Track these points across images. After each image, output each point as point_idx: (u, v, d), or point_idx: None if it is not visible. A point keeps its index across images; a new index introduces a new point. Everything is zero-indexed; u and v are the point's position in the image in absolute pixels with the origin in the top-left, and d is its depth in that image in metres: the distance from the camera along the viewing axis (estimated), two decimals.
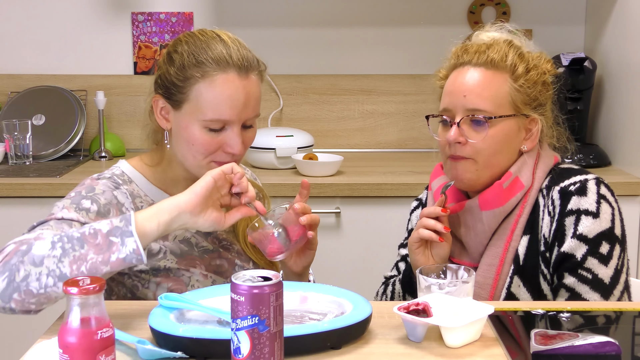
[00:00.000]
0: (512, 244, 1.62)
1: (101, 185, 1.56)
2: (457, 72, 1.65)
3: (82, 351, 1.08)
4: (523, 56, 1.64)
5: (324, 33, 3.22)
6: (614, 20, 2.89)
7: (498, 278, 1.62)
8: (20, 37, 3.19)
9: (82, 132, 3.08)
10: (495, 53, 1.62)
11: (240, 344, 1.10)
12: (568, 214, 1.58)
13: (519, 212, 1.63)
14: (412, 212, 1.89)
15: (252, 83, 1.58)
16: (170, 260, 1.59)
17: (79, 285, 1.08)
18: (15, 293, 1.31)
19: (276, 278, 1.11)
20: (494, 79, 1.61)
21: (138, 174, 1.64)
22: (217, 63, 1.54)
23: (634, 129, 2.70)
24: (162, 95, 1.59)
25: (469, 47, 1.66)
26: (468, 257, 1.69)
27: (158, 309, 1.34)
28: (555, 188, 1.62)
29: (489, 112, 1.59)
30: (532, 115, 1.63)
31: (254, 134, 1.65)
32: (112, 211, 1.54)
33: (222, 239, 1.69)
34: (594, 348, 1.23)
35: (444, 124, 1.65)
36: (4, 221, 2.63)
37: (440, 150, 1.67)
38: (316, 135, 3.11)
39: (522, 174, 1.63)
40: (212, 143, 1.56)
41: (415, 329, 1.30)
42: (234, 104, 1.55)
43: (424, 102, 3.22)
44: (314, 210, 2.64)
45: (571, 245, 1.57)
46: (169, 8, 3.19)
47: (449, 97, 1.64)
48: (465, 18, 3.21)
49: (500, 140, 1.60)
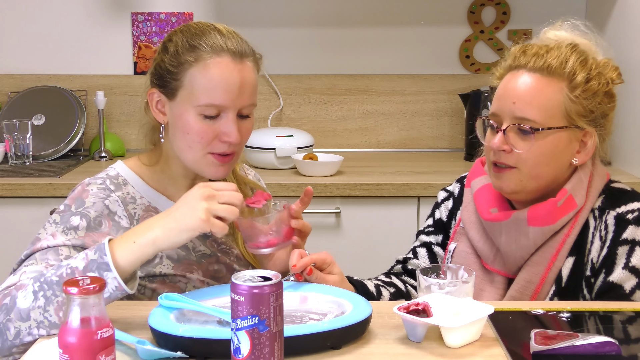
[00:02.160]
0: (556, 263, 1.55)
1: (91, 197, 1.54)
2: (511, 74, 1.56)
3: (82, 351, 1.08)
4: (586, 63, 1.53)
5: (324, 33, 3.22)
6: (614, 20, 2.89)
7: (536, 297, 1.55)
8: (20, 37, 3.19)
9: (82, 132, 3.09)
10: (554, 58, 1.52)
11: (240, 344, 1.10)
12: (622, 243, 1.51)
13: (568, 232, 1.55)
14: (441, 203, 1.80)
15: (247, 68, 1.55)
16: (166, 266, 1.57)
17: (79, 285, 1.08)
18: (13, 348, 1.34)
19: (276, 278, 1.11)
20: (548, 87, 1.51)
21: (134, 175, 1.62)
22: (211, 47, 1.52)
23: (634, 129, 2.70)
24: (157, 85, 1.57)
25: (528, 49, 1.56)
26: (504, 266, 1.62)
27: (158, 309, 1.34)
28: (611, 212, 1.54)
29: (537, 122, 1.50)
30: (586, 128, 1.53)
31: (251, 125, 1.60)
32: (104, 222, 1.52)
33: (220, 243, 1.67)
34: (594, 348, 1.23)
35: (491, 129, 1.58)
36: (4, 221, 2.63)
37: (486, 154, 1.61)
38: (316, 135, 3.11)
39: (577, 192, 1.55)
40: (207, 131, 1.53)
41: (415, 329, 1.30)
42: (229, 88, 1.52)
43: (424, 102, 3.22)
44: (314, 210, 2.67)
45: (621, 276, 1.50)
46: (169, 8, 3.19)
47: (499, 101, 1.56)
48: (465, 18, 3.21)
49: (547, 152, 1.52)
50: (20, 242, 2.62)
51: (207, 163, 1.55)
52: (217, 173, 1.57)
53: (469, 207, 1.70)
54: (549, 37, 1.60)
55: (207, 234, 1.64)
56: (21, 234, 2.64)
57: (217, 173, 1.57)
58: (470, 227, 1.68)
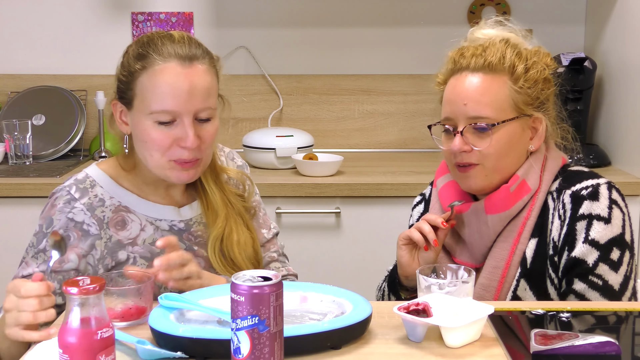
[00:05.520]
0: (519, 246, 1.61)
1: (57, 214, 1.57)
2: (455, 78, 1.63)
3: (82, 351, 1.08)
4: (521, 55, 1.61)
5: (324, 33, 3.22)
6: (614, 20, 2.89)
7: (504, 281, 1.60)
8: (20, 37, 3.19)
9: (82, 132, 3.08)
10: (492, 55, 1.59)
11: (240, 344, 1.10)
12: (579, 219, 1.56)
13: (527, 215, 1.61)
14: (415, 207, 1.88)
15: (196, 72, 1.54)
16: (141, 266, 1.57)
17: (79, 285, 1.08)
18: None
19: (276, 278, 1.11)
20: (493, 83, 1.58)
21: (105, 176, 1.63)
22: (158, 54, 1.53)
23: (634, 129, 2.70)
24: (118, 97, 1.60)
25: (465, 51, 1.63)
26: (470, 257, 1.67)
27: (158, 309, 1.34)
28: (567, 192, 1.59)
29: (491, 118, 1.57)
30: (535, 115, 1.61)
31: (213, 129, 1.58)
32: (72, 234, 1.55)
33: (196, 236, 1.66)
34: (594, 348, 1.23)
35: (447, 133, 1.63)
36: (4, 221, 2.63)
37: (446, 158, 1.66)
38: (316, 135, 3.11)
39: (529, 177, 1.61)
40: (164, 139, 1.53)
41: (415, 329, 1.30)
42: (176, 92, 1.51)
43: (424, 102, 3.22)
44: (314, 210, 2.67)
45: (583, 250, 1.55)
46: (169, 8, 3.19)
47: (450, 105, 1.62)
48: (465, 18, 3.21)
49: (505, 144, 1.58)
50: (20, 242, 2.62)
51: (170, 168, 1.56)
52: (182, 177, 1.57)
53: (435, 205, 1.75)
54: (478, 37, 1.67)
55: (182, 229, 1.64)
56: (21, 234, 2.64)
57: (181, 177, 1.57)
58: None
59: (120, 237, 1.59)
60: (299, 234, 2.63)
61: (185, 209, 1.67)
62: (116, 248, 1.58)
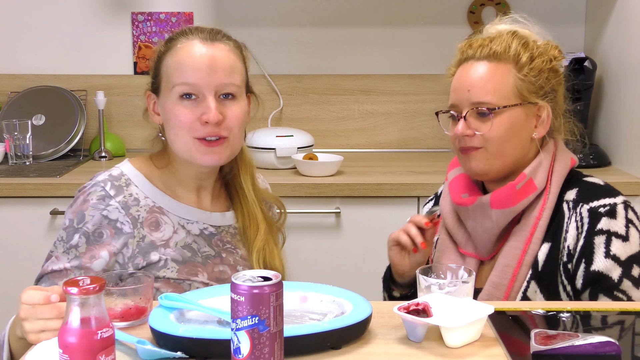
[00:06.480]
0: (532, 246, 1.62)
1: (90, 209, 1.56)
2: (462, 67, 1.67)
3: (82, 351, 1.08)
4: (527, 45, 1.64)
5: (324, 33, 3.22)
6: (614, 20, 2.89)
7: (514, 279, 1.61)
8: (20, 37, 3.19)
9: (82, 132, 3.08)
10: (498, 45, 1.63)
11: (240, 344, 1.10)
12: (598, 233, 1.57)
13: (538, 215, 1.62)
14: (425, 204, 1.91)
15: (218, 49, 1.57)
16: (171, 269, 1.58)
17: (79, 285, 1.08)
18: None
19: (276, 278, 1.11)
20: (497, 71, 1.62)
21: (139, 175, 1.62)
22: (182, 34, 1.58)
23: (634, 129, 2.70)
24: (150, 89, 1.63)
25: (473, 42, 1.67)
26: (474, 249, 1.70)
27: (158, 309, 1.34)
28: (584, 206, 1.60)
29: (493, 103, 1.61)
30: (540, 103, 1.63)
31: (239, 109, 1.58)
32: (105, 232, 1.55)
33: (225, 242, 1.67)
34: (594, 348, 1.23)
35: (453, 119, 1.68)
36: (4, 221, 2.63)
37: (452, 144, 1.69)
38: (316, 135, 3.11)
39: (537, 175, 1.63)
40: (187, 114, 1.54)
41: (415, 329, 1.30)
42: (197, 65, 1.54)
43: (424, 102, 3.22)
44: (314, 210, 2.66)
45: (606, 265, 1.56)
46: (169, 8, 3.19)
47: (455, 93, 1.67)
48: (465, 18, 3.21)
49: (508, 128, 1.61)
50: (20, 242, 2.63)
51: (195, 149, 1.56)
52: (208, 160, 1.57)
53: (446, 197, 1.78)
54: (491, 32, 1.70)
55: (213, 233, 1.64)
56: (21, 234, 2.65)
57: (207, 160, 1.57)
58: (447, 215, 1.76)
59: (154, 238, 1.58)
60: (299, 234, 2.62)
61: (217, 215, 1.68)
62: (149, 248, 1.58)
